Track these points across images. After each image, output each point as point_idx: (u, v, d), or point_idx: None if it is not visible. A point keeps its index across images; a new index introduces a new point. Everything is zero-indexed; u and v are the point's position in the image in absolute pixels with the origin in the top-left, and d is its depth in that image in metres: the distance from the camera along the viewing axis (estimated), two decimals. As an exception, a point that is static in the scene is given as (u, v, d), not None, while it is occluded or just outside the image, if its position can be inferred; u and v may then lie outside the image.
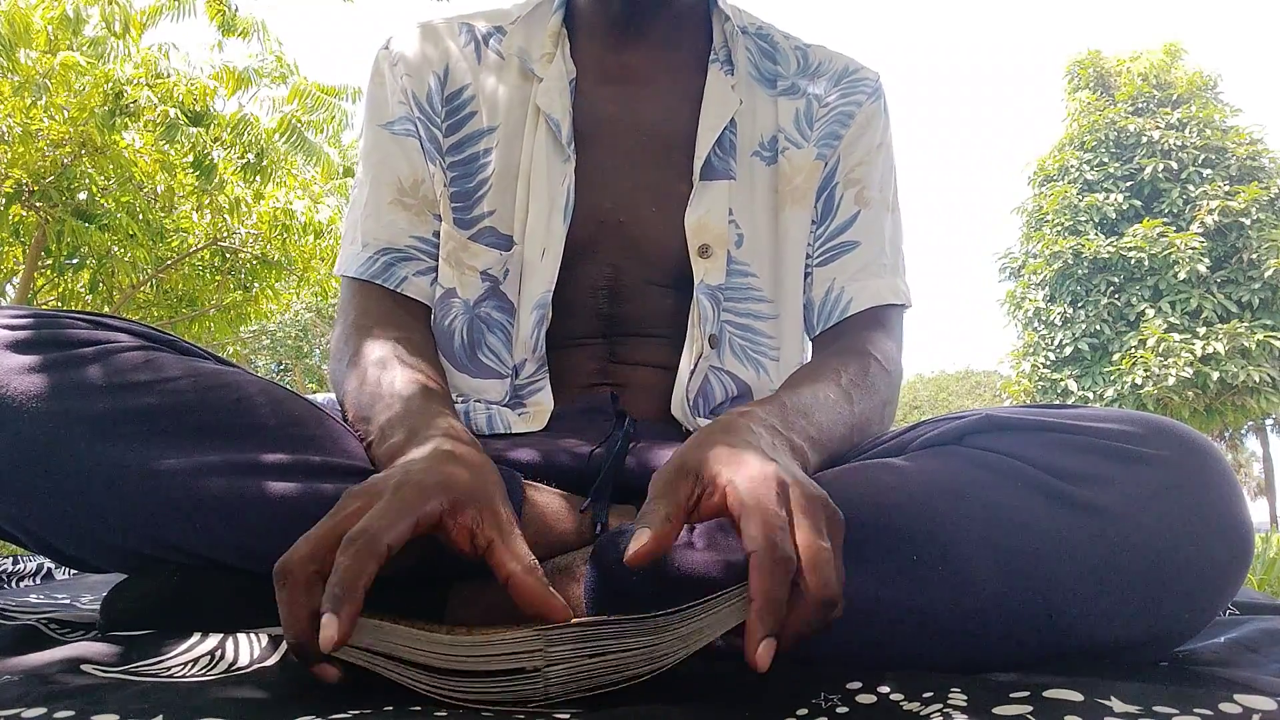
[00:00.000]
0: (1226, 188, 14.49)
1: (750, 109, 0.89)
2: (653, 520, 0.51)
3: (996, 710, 0.45)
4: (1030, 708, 0.45)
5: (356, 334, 0.81)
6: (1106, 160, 15.64)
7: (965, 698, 0.48)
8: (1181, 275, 13.97)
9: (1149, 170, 15.06)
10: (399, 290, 0.85)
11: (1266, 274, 13.80)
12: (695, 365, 0.84)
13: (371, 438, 0.69)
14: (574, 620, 0.51)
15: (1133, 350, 13.99)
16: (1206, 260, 13.92)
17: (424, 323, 0.87)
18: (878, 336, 0.84)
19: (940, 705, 0.47)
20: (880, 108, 0.92)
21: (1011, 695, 0.47)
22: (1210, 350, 13.46)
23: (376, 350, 0.77)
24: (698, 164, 0.85)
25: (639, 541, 0.49)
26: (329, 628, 0.46)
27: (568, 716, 0.47)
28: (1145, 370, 13.71)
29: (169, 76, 6.33)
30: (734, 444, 0.55)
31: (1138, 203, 15.15)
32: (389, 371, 0.74)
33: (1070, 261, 14.89)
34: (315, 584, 0.49)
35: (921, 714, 0.47)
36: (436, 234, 0.88)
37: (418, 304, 0.87)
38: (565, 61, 0.88)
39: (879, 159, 0.91)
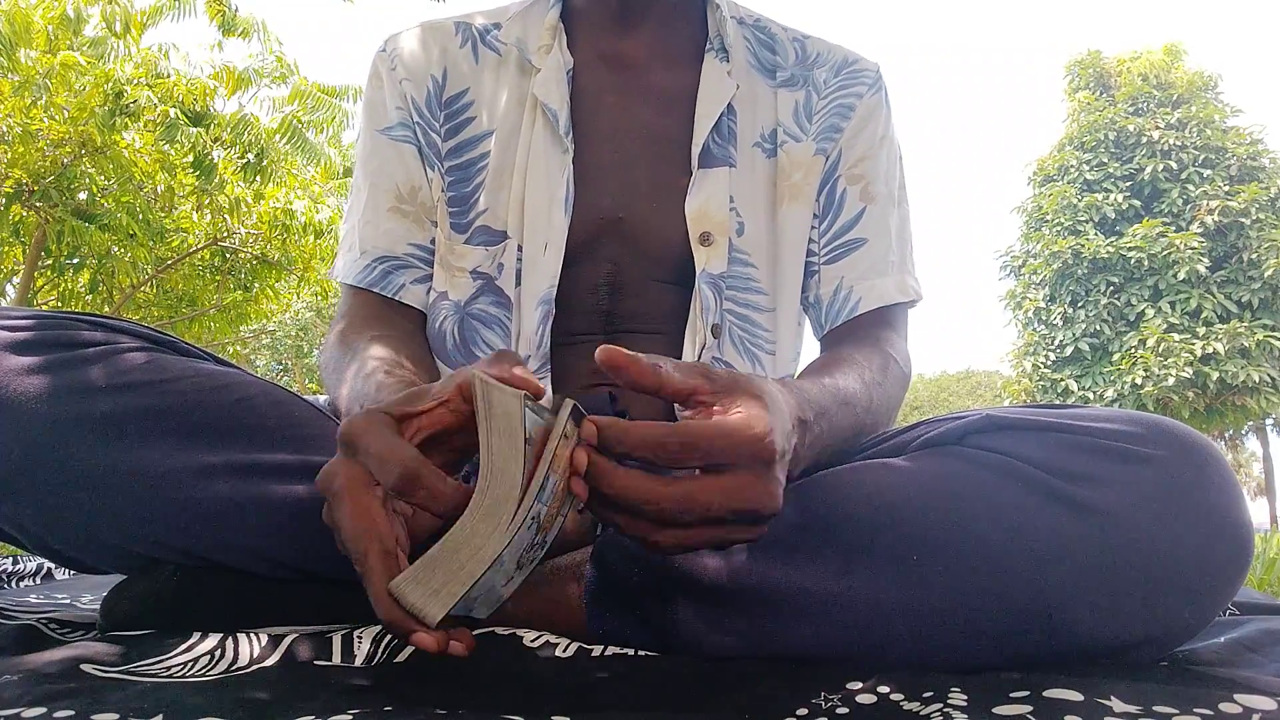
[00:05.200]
0: (1226, 188, 14.50)
1: (750, 98, 0.89)
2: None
3: (997, 710, 0.45)
4: (1030, 707, 0.45)
5: (351, 338, 0.81)
6: (1106, 160, 15.64)
7: (965, 697, 0.48)
8: (1181, 275, 13.98)
9: (1149, 170, 15.07)
10: (396, 298, 0.86)
11: (1266, 274, 13.81)
12: (699, 357, 0.84)
13: None
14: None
15: (1133, 350, 14.00)
16: (1206, 260, 13.93)
17: (419, 328, 0.88)
18: (889, 336, 0.84)
19: (940, 705, 0.47)
20: (881, 99, 0.92)
21: (1011, 695, 0.47)
22: (1210, 350, 13.46)
23: (369, 358, 0.77)
24: (695, 151, 0.85)
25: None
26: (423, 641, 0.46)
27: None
28: (1145, 370, 13.72)
29: (169, 76, 6.33)
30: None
31: (1137, 203, 15.16)
32: (378, 380, 0.74)
33: (1070, 261, 14.89)
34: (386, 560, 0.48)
35: (922, 714, 0.47)
36: (433, 240, 0.88)
37: (413, 310, 0.87)
38: (563, 53, 0.88)
39: (882, 152, 0.90)
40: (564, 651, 0.58)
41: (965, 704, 0.47)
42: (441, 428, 0.52)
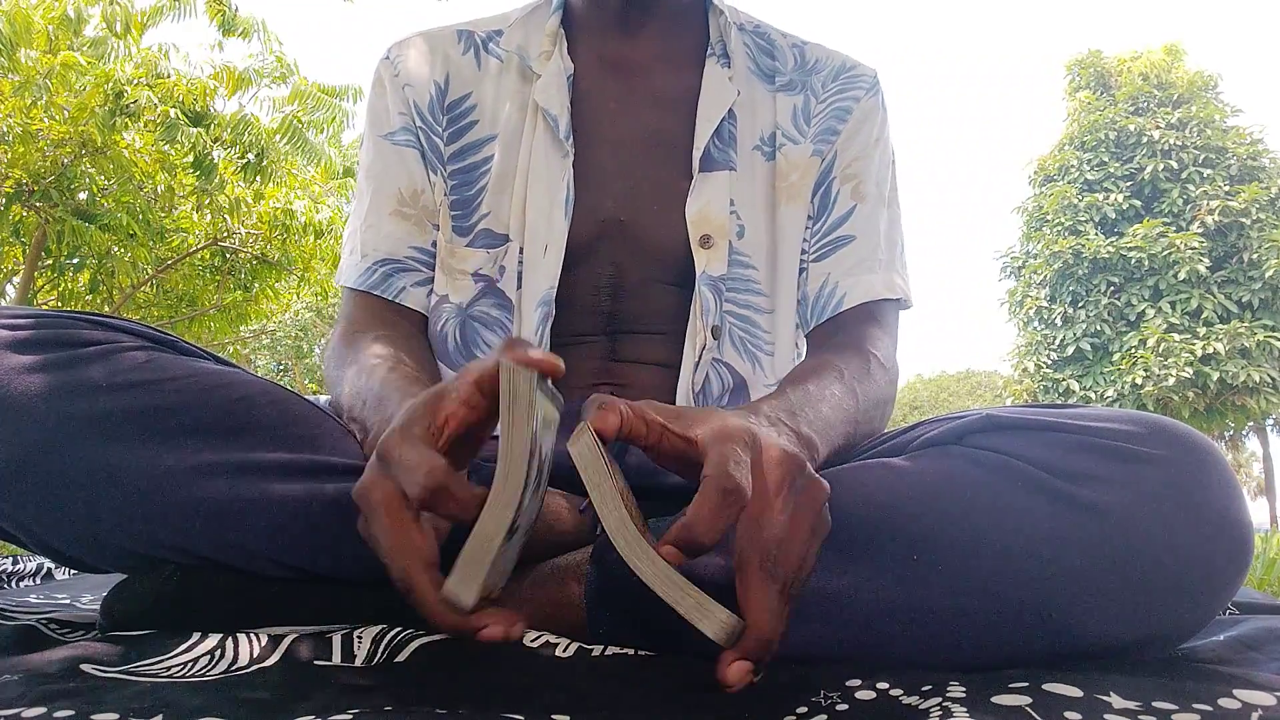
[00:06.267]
0: (1227, 188, 14.51)
1: (750, 103, 0.90)
2: (596, 405, 0.51)
3: (995, 699, 0.45)
4: (1029, 699, 0.45)
5: (353, 340, 0.81)
6: (1107, 160, 15.65)
7: (964, 691, 0.48)
8: (1181, 275, 13.99)
9: (1149, 170, 15.08)
10: (396, 300, 0.86)
11: (1267, 274, 13.81)
12: (699, 358, 0.84)
13: (359, 433, 0.69)
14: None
15: (1133, 350, 14.01)
16: (1206, 260, 13.94)
17: (420, 331, 0.88)
18: (873, 333, 0.83)
19: (939, 700, 0.47)
20: (878, 103, 0.92)
21: (1010, 687, 0.47)
22: (1210, 350, 13.47)
23: (371, 356, 0.77)
24: (696, 155, 0.85)
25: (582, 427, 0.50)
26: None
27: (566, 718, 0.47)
28: (1145, 370, 13.72)
29: (169, 76, 6.33)
30: (739, 415, 0.55)
31: (1138, 203, 15.16)
32: (381, 375, 0.74)
33: (1070, 261, 14.90)
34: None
35: (921, 708, 0.47)
36: (434, 244, 0.88)
37: (414, 313, 0.88)
38: (563, 58, 0.88)
39: (876, 154, 0.91)
40: (564, 651, 0.58)
41: (964, 697, 0.47)
42: (465, 428, 0.52)
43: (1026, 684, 0.47)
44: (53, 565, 1.30)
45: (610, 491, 0.48)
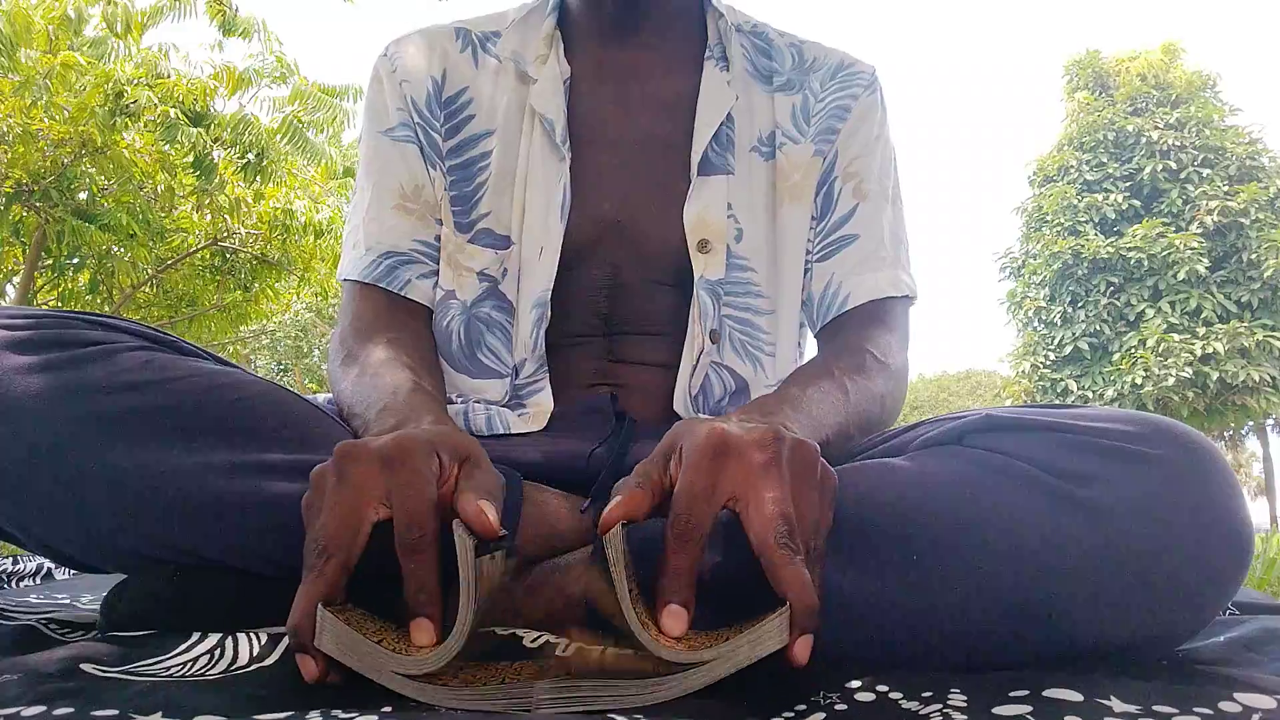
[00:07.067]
0: (1225, 188, 14.52)
1: (747, 105, 0.90)
2: (624, 488, 0.53)
3: (996, 710, 0.45)
4: (1030, 708, 0.45)
5: (355, 335, 0.81)
6: (1106, 160, 15.66)
7: (965, 698, 0.48)
8: (1181, 275, 14.00)
9: (1148, 170, 15.09)
10: (401, 293, 0.86)
11: (1266, 274, 13.82)
12: (697, 362, 0.84)
13: (361, 431, 0.69)
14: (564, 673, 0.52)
15: (1133, 350, 14.02)
16: (1206, 260, 13.96)
17: (424, 325, 0.87)
18: (876, 331, 0.83)
19: (940, 705, 0.47)
20: (877, 100, 0.92)
21: (1011, 695, 0.47)
22: (1210, 350, 13.49)
23: (373, 351, 0.77)
24: (694, 160, 0.85)
25: (609, 508, 0.52)
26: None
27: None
28: (1145, 370, 13.74)
29: (169, 77, 6.33)
30: (707, 422, 0.56)
31: (1137, 203, 15.18)
32: (384, 371, 0.74)
33: (1070, 261, 14.91)
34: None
35: (921, 713, 0.47)
36: (438, 238, 0.88)
37: (419, 306, 0.87)
38: (559, 62, 0.88)
39: (877, 151, 0.91)
40: (564, 651, 0.58)
41: (965, 704, 0.47)
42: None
43: (1027, 692, 0.47)
44: (53, 565, 1.30)
45: (633, 609, 0.49)
